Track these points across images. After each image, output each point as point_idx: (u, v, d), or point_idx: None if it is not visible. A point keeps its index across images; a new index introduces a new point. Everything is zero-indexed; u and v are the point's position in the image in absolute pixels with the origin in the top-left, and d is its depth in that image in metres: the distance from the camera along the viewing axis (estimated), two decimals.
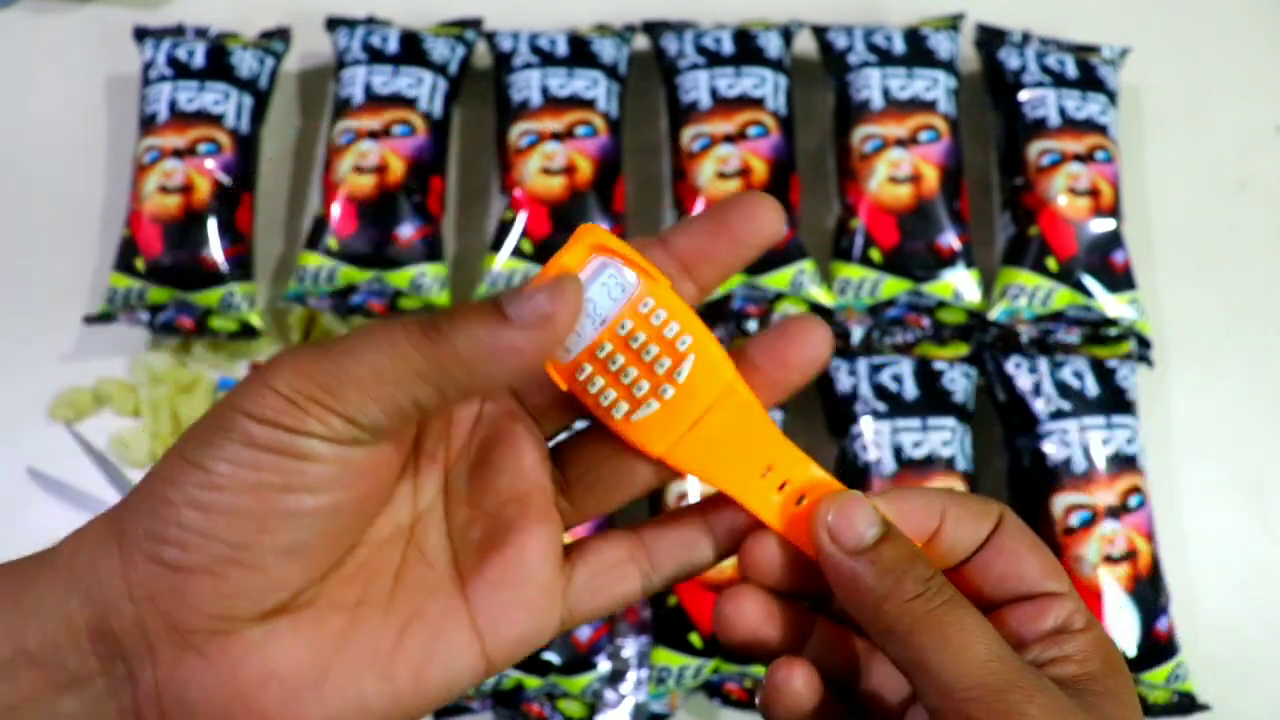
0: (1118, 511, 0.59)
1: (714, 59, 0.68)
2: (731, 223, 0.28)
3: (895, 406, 0.61)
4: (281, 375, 0.25)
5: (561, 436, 0.31)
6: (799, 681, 0.29)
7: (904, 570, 0.27)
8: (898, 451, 0.60)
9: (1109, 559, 0.58)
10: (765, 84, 0.67)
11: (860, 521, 0.28)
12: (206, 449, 0.25)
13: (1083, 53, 0.71)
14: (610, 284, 0.27)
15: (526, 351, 0.25)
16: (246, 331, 0.65)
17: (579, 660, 0.58)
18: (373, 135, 0.65)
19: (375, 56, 0.68)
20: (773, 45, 0.69)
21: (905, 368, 0.63)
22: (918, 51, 0.68)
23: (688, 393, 0.28)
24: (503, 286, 0.64)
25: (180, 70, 0.67)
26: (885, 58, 0.68)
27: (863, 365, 0.63)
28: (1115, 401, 0.62)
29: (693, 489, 0.59)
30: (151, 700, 0.25)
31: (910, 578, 0.27)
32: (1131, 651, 0.58)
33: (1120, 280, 0.65)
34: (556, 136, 0.65)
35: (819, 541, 0.28)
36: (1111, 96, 0.69)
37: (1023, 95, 0.68)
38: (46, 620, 0.25)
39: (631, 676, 0.60)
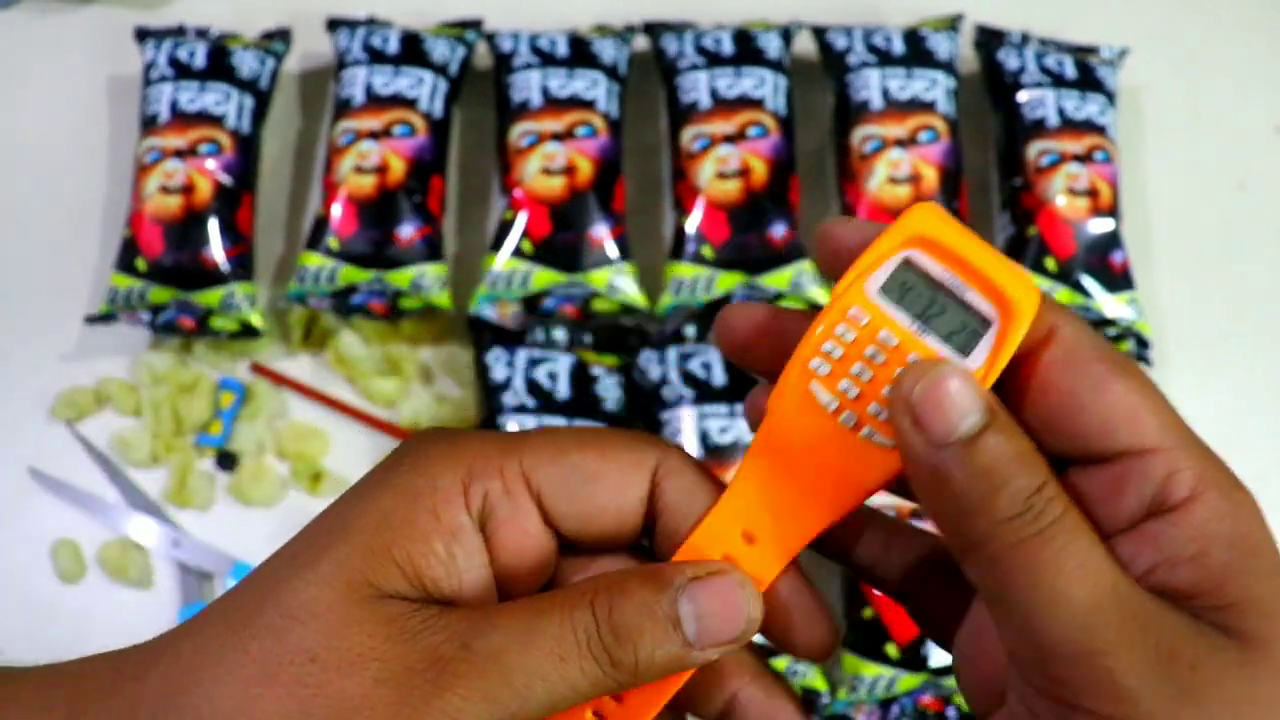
0: None
1: (714, 59, 0.68)
2: None
3: None
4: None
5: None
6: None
7: (1004, 478, 0.21)
8: None
9: None
10: (765, 84, 0.67)
11: (957, 403, 0.21)
12: None
13: (1082, 53, 0.71)
14: (968, 330, 0.23)
15: (699, 664, 0.23)
16: (247, 331, 0.65)
17: None
18: (373, 135, 0.65)
19: (376, 57, 0.68)
20: (772, 46, 0.69)
21: None
22: (917, 52, 0.69)
23: (844, 444, 0.23)
24: (502, 287, 0.64)
25: (181, 71, 0.68)
26: (885, 58, 0.68)
27: None
28: None
29: None
30: None
31: (1009, 490, 0.21)
32: None
33: (1119, 280, 0.65)
34: (557, 137, 0.65)
35: (898, 423, 0.21)
36: (1110, 97, 0.69)
37: (1022, 96, 0.68)
38: None
39: None
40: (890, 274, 0.23)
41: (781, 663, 0.58)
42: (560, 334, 0.65)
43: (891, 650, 0.59)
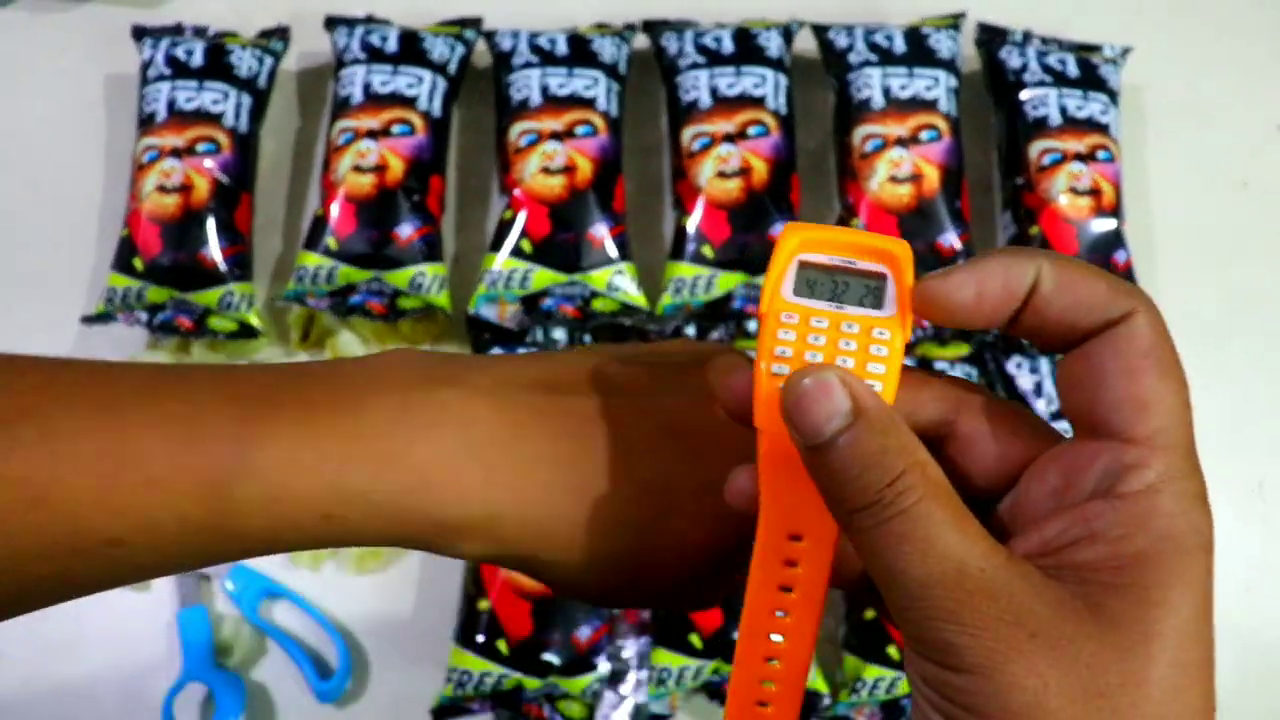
0: None
1: (714, 58, 0.68)
2: None
3: None
4: None
5: None
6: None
7: (858, 473, 0.23)
8: None
9: None
10: (765, 83, 0.67)
11: (821, 409, 0.24)
12: None
13: (1084, 52, 0.71)
14: (872, 290, 0.27)
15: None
16: (245, 331, 0.65)
17: (579, 661, 0.58)
18: (372, 135, 0.65)
19: (374, 56, 0.68)
20: (773, 44, 0.69)
21: None
22: (918, 51, 0.68)
23: None
24: (502, 287, 0.64)
25: (179, 69, 0.67)
26: (886, 57, 0.68)
27: None
28: None
29: None
30: None
31: (861, 484, 0.23)
32: None
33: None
34: (556, 136, 0.65)
35: (788, 427, 0.25)
36: (1113, 96, 0.69)
37: (1024, 94, 0.68)
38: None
39: (631, 677, 0.60)
40: (795, 277, 0.27)
41: None
42: (560, 334, 0.65)
43: (893, 652, 0.58)
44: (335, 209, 0.64)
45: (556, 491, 0.29)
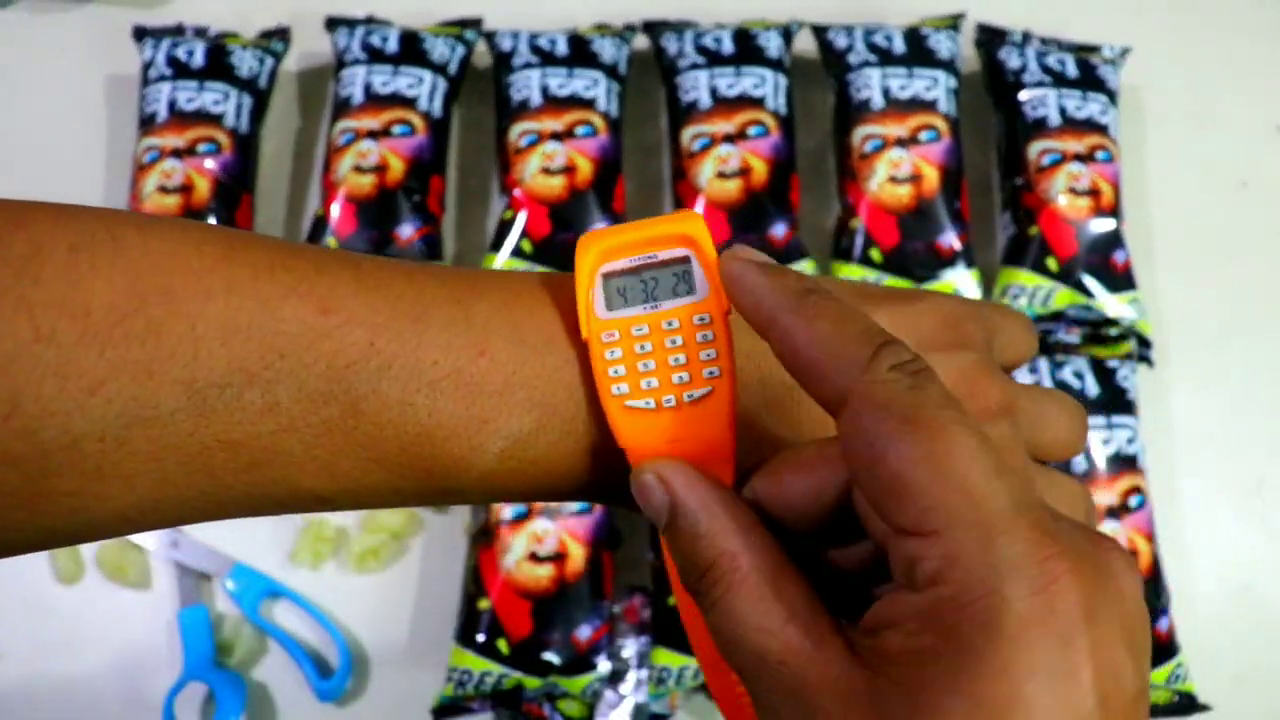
0: (1118, 512, 0.59)
1: (714, 59, 0.68)
2: None
3: None
4: None
5: None
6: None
7: (683, 557, 0.24)
8: None
9: None
10: (765, 84, 0.67)
11: (648, 506, 0.25)
12: None
13: (1083, 52, 0.71)
14: (681, 276, 0.27)
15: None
16: None
17: (579, 660, 0.58)
18: (372, 135, 0.65)
19: (375, 56, 0.68)
20: (773, 45, 0.69)
21: None
22: (918, 51, 0.68)
23: (686, 415, 0.27)
24: None
25: (180, 70, 0.67)
26: (885, 57, 0.68)
27: None
28: (1115, 401, 0.62)
29: None
30: None
31: (688, 568, 0.24)
32: None
33: (1121, 280, 0.65)
34: (556, 136, 0.65)
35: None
36: (1112, 96, 0.69)
37: (1023, 95, 0.68)
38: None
39: (631, 677, 0.60)
40: (602, 292, 0.27)
41: None
42: None
43: None
44: (336, 209, 0.64)
45: None
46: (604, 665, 0.59)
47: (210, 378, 0.24)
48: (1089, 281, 0.64)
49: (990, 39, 0.72)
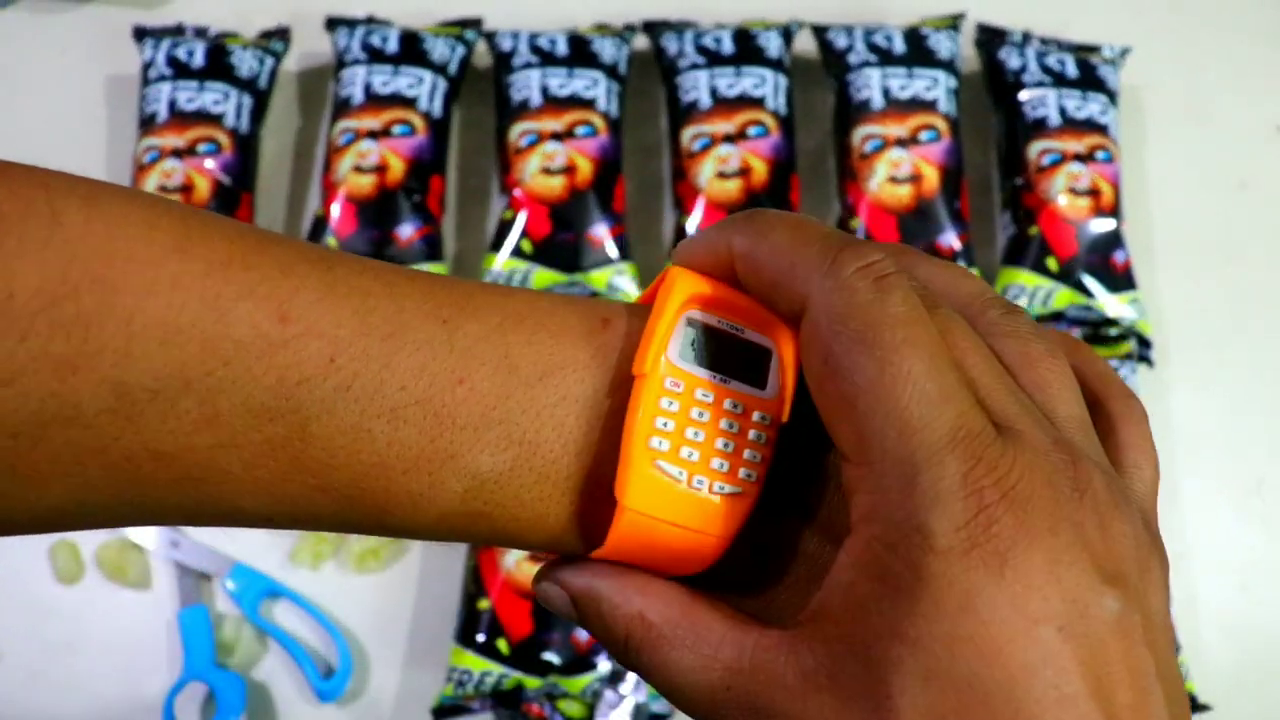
0: None
1: (714, 59, 0.68)
2: None
3: None
4: None
5: None
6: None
7: (601, 636, 0.25)
8: None
9: None
10: (765, 84, 0.67)
11: (556, 610, 0.26)
12: None
13: (1083, 52, 0.71)
14: (756, 365, 0.25)
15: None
16: None
17: (579, 660, 0.58)
18: (372, 135, 0.65)
19: (375, 56, 0.68)
20: (773, 45, 0.69)
21: None
22: (918, 51, 0.68)
23: (703, 505, 0.24)
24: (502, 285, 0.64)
25: (180, 70, 0.67)
26: (885, 57, 0.68)
27: None
28: None
29: None
30: None
31: (609, 642, 0.24)
32: None
33: (1121, 280, 0.65)
34: (556, 136, 0.65)
35: None
36: (1112, 96, 0.69)
37: (1023, 95, 0.68)
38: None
39: (631, 676, 0.60)
40: (682, 337, 0.24)
41: None
42: None
43: None
44: (336, 209, 0.64)
45: None
46: (604, 665, 0.59)
47: (142, 380, 0.22)
48: (1089, 281, 0.64)
49: (990, 39, 0.72)
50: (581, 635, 0.59)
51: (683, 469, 0.24)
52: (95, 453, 0.22)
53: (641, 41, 0.72)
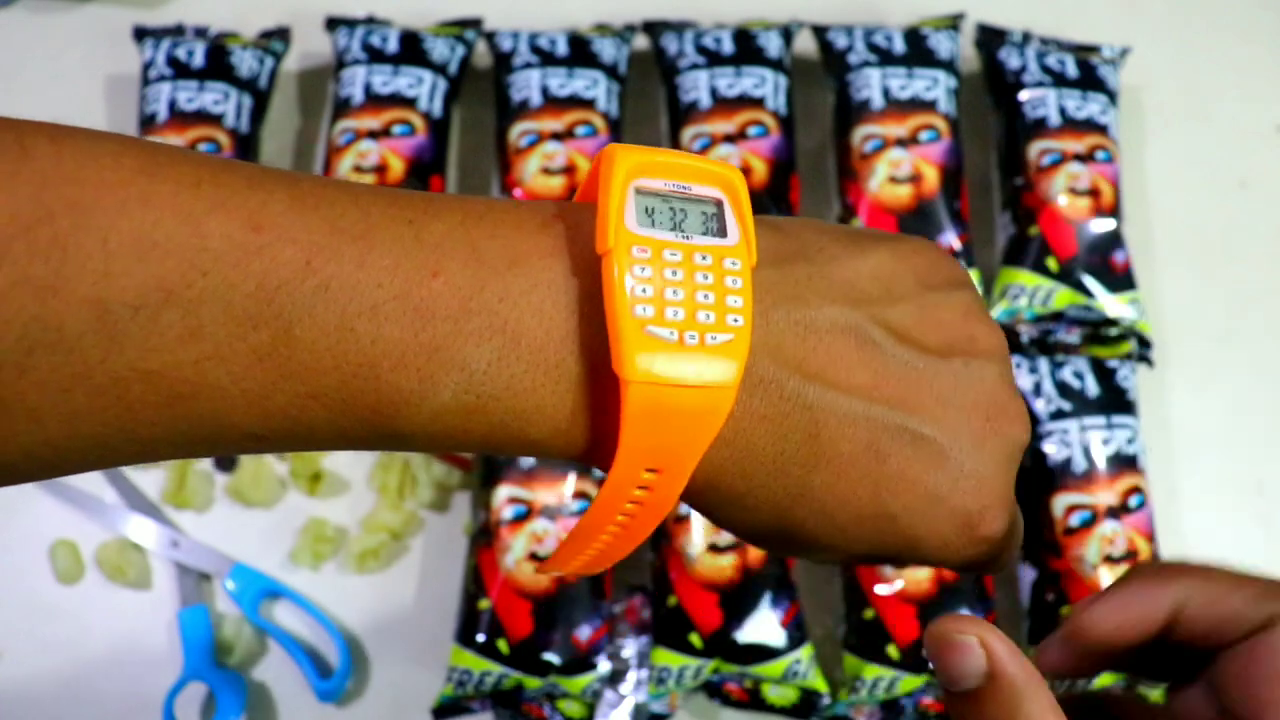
0: (1118, 511, 0.59)
1: (714, 59, 0.68)
2: None
3: None
4: None
5: None
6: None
7: None
8: None
9: (1109, 559, 0.58)
10: (765, 84, 0.67)
11: (958, 665, 0.24)
12: None
13: (1083, 52, 0.71)
14: (711, 216, 0.26)
15: None
16: None
17: (579, 660, 0.58)
18: (372, 135, 0.65)
19: (375, 56, 0.68)
20: (773, 45, 0.69)
21: None
22: (918, 51, 0.68)
23: (702, 358, 0.24)
24: None
25: (180, 70, 0.67)
26: (885, 57, 0.68)
27: None
28: (1115, 401, 0.62)
29: None
30: None
31: None
32: None
33: (1121, 280, 0.65)
34: (556, 136, 0.65)
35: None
36: (1112, 96, 0.69)
37: (1023, 95, 0.68)
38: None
39: (631, 676, 0.60)
40: (635, 206, 0.25)
41: (778, 666, 0.58)
42: None
43: (893, 651, 0.58)
44: None
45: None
46: (604, 665, 0.59)
47: (123, 297, 0.22)
48: (1089, 281, 0.64)
49: (990, 39, 0.72)
50: (582, 635, 0.59)
51: (672, 329, 0.24)
52: (82, 377, 0.22)
53: (641, 41, 0.72)
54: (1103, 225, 0.65)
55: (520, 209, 0.26)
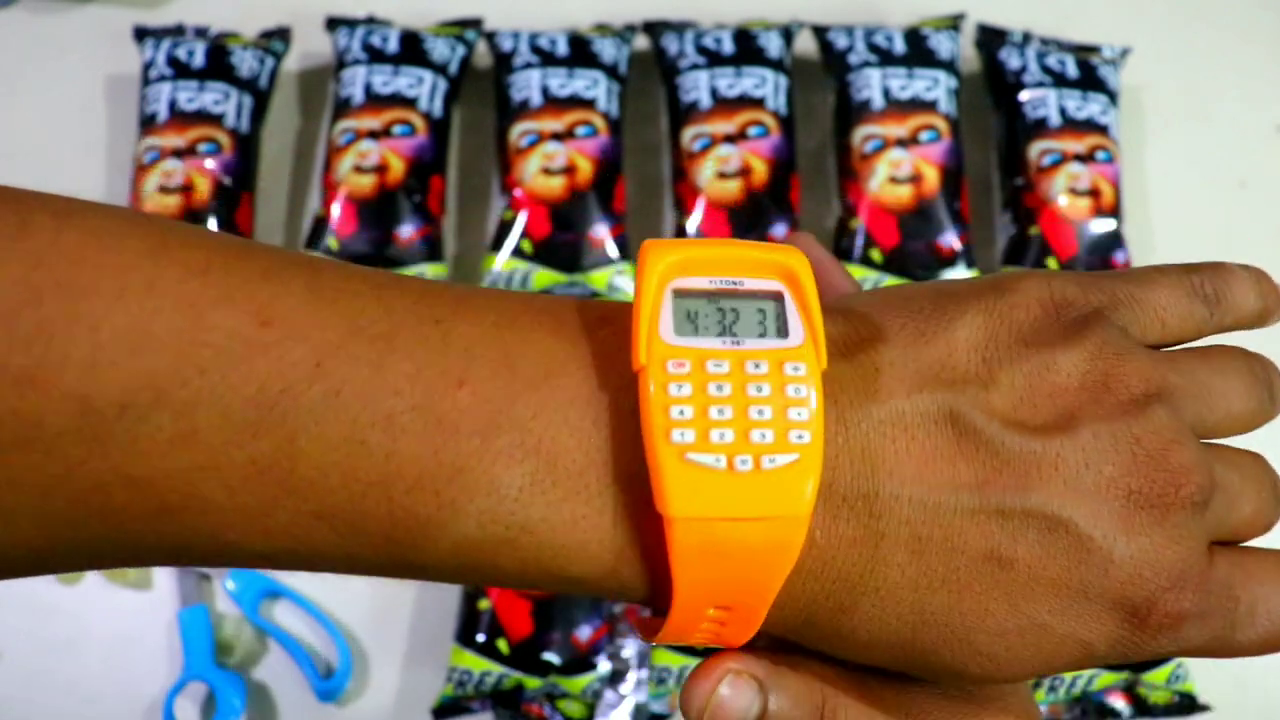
0: None
1: (714, 59, 0.68)
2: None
3: None
4: None
5: None
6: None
7: None
8: None
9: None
10: (766, 84, 0.67)
11: (734, 707, 0.23)
12: None
13: (1083, 53, 0.71)
14: (769, 314, 0.22)
15: None
16: None
17: (579, 660, 0.58)
18: (373, 135, 0.65)
19: (375, 56, 0.68)
20: (773, 45, 0.69)
21: None
22: (918, 51, 0.68)
23: (759, 486, 0.21)
24: (502, 287, 0.64)
25: (180, 70, 0.67)
26: (886, 58, 0.68)
27: None
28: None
29: None
30: None
31: None
32: None
33: None
34: (557, 136, 0.65)
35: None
36: (1112, 96, 0.69)
37: (1023, 95, 0.68)
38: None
39: (631, 677, 0.60)
40: (671, 311, 0.22)
41: None
42: None
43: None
44: (336, 209, 0.64)
45: None
46: (604, 665, 0.59)
47: (108, 393, 0.20)
48: None
49: (990, 39, 0.72)
50: (582, 635, 0.59)
51: (719, 454, 0.21)
52: (61, 479, 0.20)
53: (641, 41, 0.72)
54: (1103, 225, 0.65)
55: (563, 309, 0.23)
